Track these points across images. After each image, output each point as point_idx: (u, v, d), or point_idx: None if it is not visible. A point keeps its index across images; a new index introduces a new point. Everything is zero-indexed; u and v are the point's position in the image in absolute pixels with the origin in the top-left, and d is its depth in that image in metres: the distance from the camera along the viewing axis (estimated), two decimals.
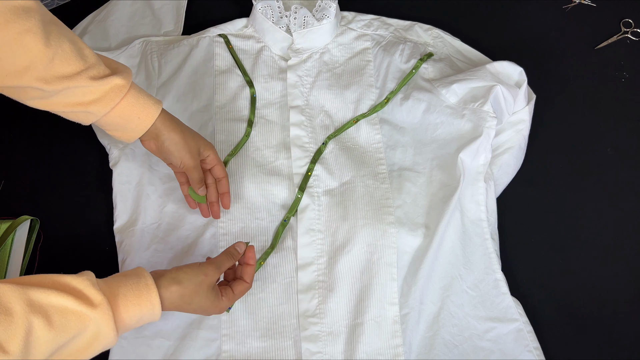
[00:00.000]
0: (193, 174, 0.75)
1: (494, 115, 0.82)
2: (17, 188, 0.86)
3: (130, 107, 0.68)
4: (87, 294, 0.56)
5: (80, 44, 0.65)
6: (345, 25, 0.96)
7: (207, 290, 0.65)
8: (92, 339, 0.56)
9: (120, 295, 0.59)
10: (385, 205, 0.81)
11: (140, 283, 0.60)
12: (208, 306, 0.66)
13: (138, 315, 0.59)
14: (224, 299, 0.67)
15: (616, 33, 1.00)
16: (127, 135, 0.71)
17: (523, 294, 0.79)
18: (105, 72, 0.66)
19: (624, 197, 0.87)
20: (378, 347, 0.73)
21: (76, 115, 0.68)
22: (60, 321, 0.53)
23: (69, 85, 0.63)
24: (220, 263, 0.67)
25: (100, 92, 0.65)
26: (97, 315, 0.55)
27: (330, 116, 0.89)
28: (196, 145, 0.74)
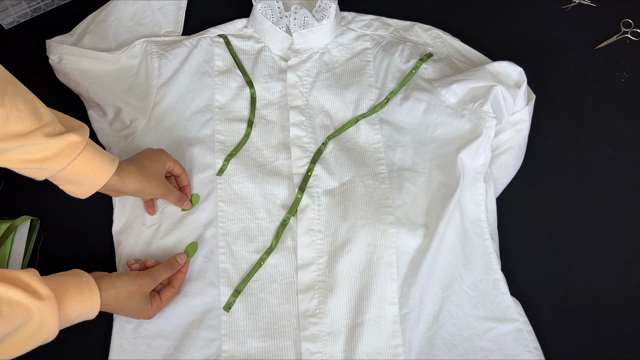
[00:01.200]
0: (170, 198, 0.78)
1: (494, 116, 0.82)
2: (17, 188, 0.86)
3: (86, 164, 0.69)
4: (35, 287, 0.60)
5: (35, 102, 0.65)
6: (345, 25, 0.96)
7: (140, 298, 0.70)
8: (35, 330, 0.59)
9: (63, 290, 0.63)
10: (385, 205, 0.81)
11: (83, 282, 0.65)
12: (138, 312, 0.71)
13: (78, 311, 0.64)
14: (153, 307, 0.72)
15: (616, 33, 1.00)
16: (81, 190, 0.71)
17: (523, 294, 0.79)
18: (60, 130, 0.66)
19: (623, 197, 0.87)
20: (378, 347, 0.73)
21: (29, 171, 0.68)
22: (7, 311, 0.56)
23: (24, 143, 0.63)
24: (158, 274, 0.72)
25: (56, 149, 0.66)
26: (44, 307, 0.59)
27: (330, 116, 0.89)
28: (158, 175, 0.76)
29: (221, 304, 0.76)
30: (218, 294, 0.77)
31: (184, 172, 0.81)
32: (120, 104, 0.88)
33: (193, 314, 0.76)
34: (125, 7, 0.96)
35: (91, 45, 0.93)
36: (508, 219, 0.85)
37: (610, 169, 0.89)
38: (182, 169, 0.81)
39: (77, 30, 0.95)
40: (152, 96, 0.88)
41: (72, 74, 0.89)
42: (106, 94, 0.88)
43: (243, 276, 0.78)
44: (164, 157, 0.78)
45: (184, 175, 0.81)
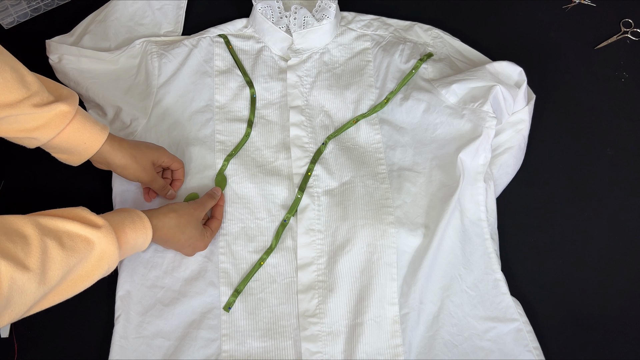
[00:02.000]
0: (153, 185, 0.79)
1: (494, 115, 0.82)
2: (17, 188, 0.86)
3: (76, 132, 0.69)
4: (90, 218, 0.61)
5: (22, 71, 0.65)
6: (345, 25, 0.96)
7: (197, 222, 0.74)
8: (97, 259, 0.60)
9: (117, 221, 0.64)
10: (385, 205, 0.81)
11: (132, 213, 0.67)
12: (197, 237, 0.74)
13: (133, 239, 0.65)
14: (207, 234, 0.76)
15: (616, 33, 1.00)
16: (73, 158, 0.72)
17: (523, 294, 0.79)
18: (49, 99, 0.66)
19: (623, 197, 0.87)
20: (378, 347, 0.73)
21: (21, 140, 0.69)
22: (69, 243, 0.58)
23: (11, 113, 0.64)
24: (204, 202, 0.77)
25: (45, 118, 0.66)
26: (101, 234, 0.60)
27: (330, 116, 0.89)
28: (147, 160, 0.77)
29: (221, 304, 0.76)
30: (218, 294, 0.77)
31: (182, 167, 0.82)
32: (120, 104, 0.88)
33: (193, 314, 0.76)
34: (125, 7, 0.96)
35: (91, 45, 0.93)
36: (508, 219, 0.85)
37: (610, 169, 0.89)
38: (181, 164, 0.82)
39: (77, 30, 0.95)
40: (152, 96, 0.88)
41: (72, 74, 0.89)
42: (106, 93, 0.88)
43: (243, 276, 0.78)
44: (161, 152, 0.79)
45: (181, 170, 0.82)
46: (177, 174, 0.83)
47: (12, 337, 0.76)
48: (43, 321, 0.77)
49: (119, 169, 0.75)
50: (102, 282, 0.79)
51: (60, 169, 0.87)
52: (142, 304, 0.76)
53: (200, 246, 0.76)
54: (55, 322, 0.77)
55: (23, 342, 0.76)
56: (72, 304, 0.78)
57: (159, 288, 0.77)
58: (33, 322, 0.77)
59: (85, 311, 0.78)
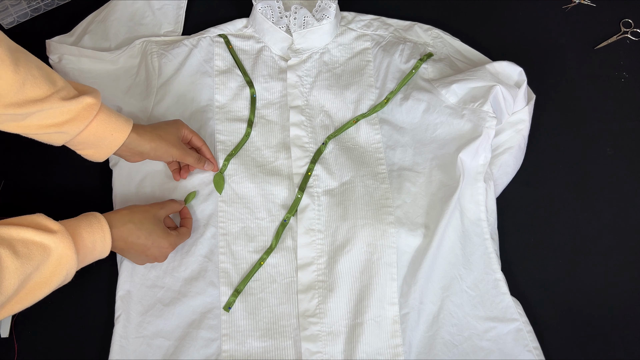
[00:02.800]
0: (188, 159, 0.79)
1: (494, 115, 0.82)
2: (17, 188, 0.86)
3: (103, 124, 0.70)
4: (45, 224, 0.61)
5: (47, 69, 0.67)
6: (345, 25, 0.96)
7: (154, 218, 0.73)
8: (55, 265, 0.60)
9: (73, 225, 0.64)
10: (385, 205, 0.81)
11: (89, 216, 0.67)
12: (159, 234, 0.72)
13: (91, 242, 0.65)
14: (173, 235, 0.74)
15: (616, 33, 1.00)
16: (100, 152, 0.73)
17: (523, 294, 0.79)
18: (74, 93, 0.68)
19: (623, 197, 0.87)
20: (378, 347, 0.73)
21: (49, 136, 0.69)
22: (24, 251, 0.57)
23: (42, 108, 0.65)
24: (165, 203, 0.76)
25: (73, 111, 0.67)
26: (58, 239, 0.60)
27: (330, 116, 0.89)
28: (174, 136, 0.78)
29: (221, 303, 0.76)
30: (218, 294, 0.77)
31: (204, 144, 0.82)
32: (121, 104, 0.88)
33: (193, 314, 0.76)
34: (125, 7, 0.96)
35: (91, 45, 0.93)
36: (508, 219, 0.85)
37: (610, 169, 0.89)
38: (201, 140, 0.82)
39: (77, 30, 0.95)
40: (152, 96, 0.88)
41: (72, 74, 0.89)
42: (106, 93, 0.88)
43: (243, 276, 0.78)
44: (180, 124, 0.80)
45: (204, 147, 0.82)
46: (203, 152, 0.82)
47: (12, 337, 0.76)
48: (43, 321, 0.77)
49: (152, 152, 0.75)
50: (102, 282, 0.79)
51: (60, 169, 0.87)
52: (142, 303, 0.76)
53: (165, 245, 0.73)
54: (55, 322, 0.78)
55: (23, 342, 0.76)
56: (72, 304, 0.79)
57: (159, 288, 0.77)
58: (33, 322, 0.77)
59: (85, 311, 0.78)
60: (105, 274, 0.80)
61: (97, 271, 0.80)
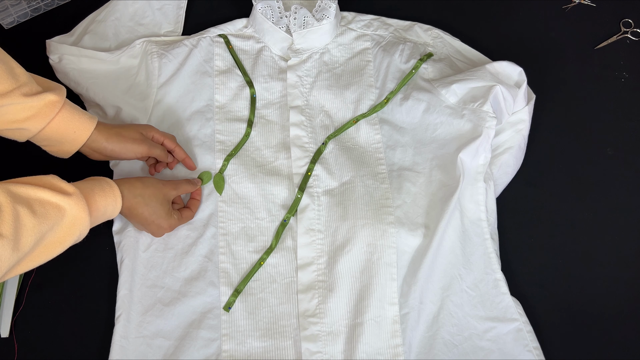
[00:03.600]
0: (154, 152, 0.79)
1: (494, 115, 0.82)
2: None
3: (66, 122, 0.71)
4: (60, 186, 0.62)
5: (11, 63, 0.67)
6: (345, 25, 0.96)
7: (163, 198, 0.74)
8: (69, 226, 0.62)
9: (87, 188, 0.66)
10: (384, 205, 0.81)
11: (102, 181, 0.68)
12: (161, 214, 0.73)
13: (103, 206, 0.67)
14: (175, 217, 0.75)
15: (616, 33, 1.01)
16: (64, 149, 0.73)
17: (523, 294, 0.79)
18: (37, 89, 0.68)
19: (623, 197, 0.87)
20: (378, 346, 0.73)
21: (12, 132, 0.69)
22: (40, 210, 0.59)
23: (2, 103, 0.65)
24: (179, 184, 0.77)
25: (35, 108, 0.67)
26: (72, 201, 0.62)
27: (330, 116, 0.89)
28: (135, 132, 0.78)
29: (221, 303, 0.76)
30: (218, 294, 0.77)
31: (177, 146, 0.82)
32: (120, 104, 0.88)
33: (193, 313, 0.76)
34: (125, 7, 0.96)
35: (91, 45, 0.93)
36: (508, 219, 0.85)
37: (610, 169, 0.89)
38: (174, 143, 0.81)
39: (77, 30, 0.95)
40: (152, 96, 0.88)
41: (72, 74, 0.89)
42: (106, 94, 0.88)
43: (243, 276, 0.78)
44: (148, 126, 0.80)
45: (177, 149, 0.82)
46: (176, 153, 0.82)
47: (12, 337, 0.76)
48: (43, 321, 0.77)
49: (114, 152, 0.76)
50: (102, 282, 0.79)
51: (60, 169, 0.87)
52: (143, 303, 0.76)
53: (164, 226, 0.75)
54: (55, 322, 0.77)
55: (23, 342, 0.76)
56: (72, 304, 0.79)
57: (159, 288, 0.77)
58: (33, 322, 0.77)
59: (85, 311, 0.78)
60: (105, 274, 0.80)
61: (97, 271, 0.80)
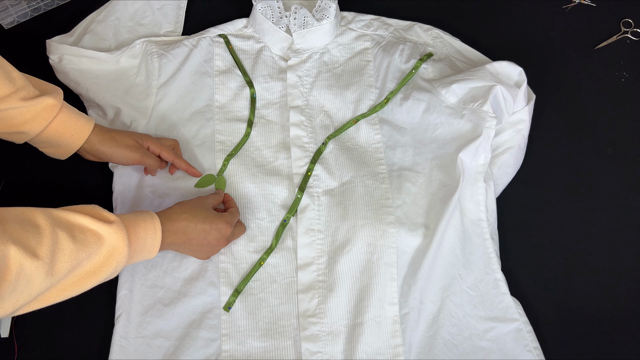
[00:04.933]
0: (146, 162, 0.78)
1: (494, 115, 0.82)
2: (17, 188, 0.86)
3: (63, 125, 0.71)
4: (102, 214, 0.62)
5: (7, 67, 0.66)
6: (345, 25, 0.96)
7: (205, 205, 0.73)
8: (107, 255, 0.60)
9: (129, 218, 0.65)
10: (385, 205, 0.81)
11: (143, 213, 0.67)
12: (213, 218, 0.72)
13: (143, 237, 0.65)
14: (226, 215, 0.74)
15: (616, 33, 1.00)
16: (61, 151, 0.73)
17: (523, 294, 0.79)
18: (35, 93, 0.68)
19: (623, 197, 0.87)
20: (378, 347, 0.73)
21: (10, 135, 0.70)
22: (80, 236, 0.58)
23: (0, 108, 0.65)
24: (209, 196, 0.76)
25: (32, 112, 0.67)
26: (112, 230, 0.60)
27: (330, 116, 0.89)
28: (130, 139, 0.78)
29: (221, 303, 0.76)
30: (218, 294, 0.77)
31: (176, 157, 0.81)
32: (120, 105, 0.88)
33: (193, 313, 0.76)
34: (125, 7, 0.96)
35: (91, 45, 0.93)
36: (508, 219, 0.85)
37: (610, 169, 0.89)
38: (172, 156, 0.81)
39: (77, 30, 0.95)
40: (152, 96, 0.88)
41: (72, 74, 0.89)
42: (106, 94, 0.88)
43: (243, 276, 0.78)
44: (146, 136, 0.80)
45: (177, 160, 0.81)
46: (180, 165, 0.82)
47: (12, 337, 0.76)
48: (43, 321, 0.77)
49: (105, 155, 0.76)
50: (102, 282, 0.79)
51: (60, 169, 0.87)
52: (143, 303, 0.76)
53: (224, 226, 0.73)
54: (55, 322, 0.77)
55: (23, 342, 0.76)
56: (72, 304, 0.78)
57: (159, 288, 0.77)
58: (33, 322, 0.77)
59: (85, 311, 0.78)
60: None
61: None
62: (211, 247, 0.74)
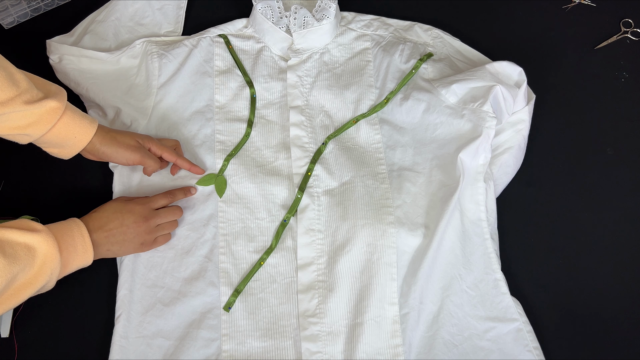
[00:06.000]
0: (148, 162, 0.79)
1: (494, 115, 0.82)
2: (17, 188, 0.86)
3: (67, 127, 0.71)
4: (29, 225, 0.63)
5: (11, 69, 0.66)
6: (345, 25, 0.96)
7: (121, 200, 0.75)
8: (40, 265, 0.61)
9: (54, 227, 0.66)
10: (385, 205, 0.81)
11: (67, 220, 0.68)
12: (125, 203, 0.74)
13: (72, 242, 0.66)
14: (141, 198, 0.77)
15: (616, 33, 1.00)
16: (64, 152, 0.74)
17: (523, 294, 0.79)
18: (38, 96, 0.68)
19: (623, 197, 0.87)
20: (378, 346, 0.73)
21: (13, 137, 0.70)
22: (10, 251, 0.59)
23: (4, 111, 0.65)
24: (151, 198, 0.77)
25: (36, 115, 0.68)
26: (41, 238, 0.62)
27: (330, 116, 0.89)
28: (131, 139, 0.78)
29: (221, 303, 0.76)
30: (218, 294, 0.77)
31: (178, 157, 0.81)
32: (120, 105, 0.88)
33: (193, 313, 0.76)
34: (125, 7, 0.96)
35: (91, 45, 0.93)
36: (508, 219, 0.85)
37: (610, 169, 0.89)
38: (174, 156, 0.81)
39: (77, 30, 0.95)
40: (152, 96, 0.88)
41: (72, 74, 0.89)
42: (106, 94, 0.88)
43: (243, 276, 0.78)
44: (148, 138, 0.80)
45: (179, 160, 0.81)
46: (182, 165, 0.82)
47: (12, 337, 0.76)
48: (43, 321, 0.77)
49: (105, 155, 0.76)
50: (102, 282, 0.79)
51: (60, 170, 0.87)
52: (143, 303, 0.76)
53: (137, 208, 0.74)
54: (55, 322, 0.77)
55: (23, 342, 0.76)
56: (72, 304, 0.79)
57: (159, 288, 0.77)
58: (33, 322, 0.77)
59: (85, 311, 0.78)
60: (105, 274, 0.80)
61: (97, 271, 0.80)
62: (134, 232, 0.73)
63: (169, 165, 0.84)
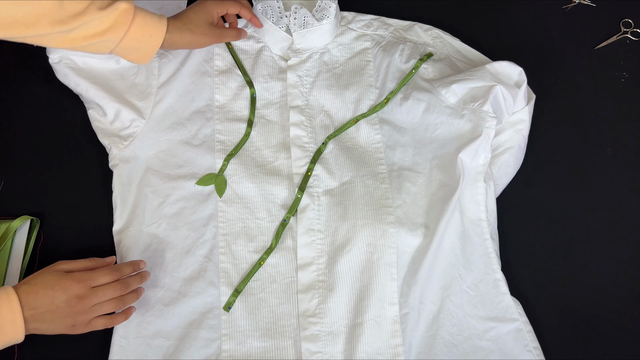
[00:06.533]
0: (224, 40, 0.86)
1: (494, 115, 0.82)
2: (17, 188, 0.86)
3: (141, 27, 0.75)
4: None
5: None
6: (345, 25, 0.96)
7: (52, 270, 0.67)
8: None
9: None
10: (385, 205, 0.81)
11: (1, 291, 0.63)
12: (58, 279, 0.65)
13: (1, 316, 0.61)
14: (79, 274, 0.67)
15: (616, 33, 1.00)
16: (144, 55, 0.78)
17: (523, 294, 0.79)
18: (108, 1, 0.72)
19: (623, 197, 0.87)
20: (378, 346, 0.73)
21: (96, 46, 0.74)
22: None
23: (83, 20, 0.70)
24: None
25: (111, 19, 0.72)
26: None
27: (330, 116, 0.89)
28: (205, 26, 0.82)
29: (221, 303, 0.76)
30: (218, 294, 0.77)
31: (242, 7, 0.87)
32: (120, 105, 0.87)
33: (193, 313, 0.76)
34: None
35: None
36: (508, 219, 0.85)
37: (610, 169, 0.89)
38: (237, 7, 0.86)
39: None
40: (152, 96, 0.88)
41: (72, 74, 0.89)
42: (106, 94, 0.88)
43: (243, 276, 0.78)
44: (208, 9, 0.83)
45: (243, 10, 0.87)
46: (243, 14, 0.87)
47: None
48: None
49: (187, 46, 0.83)
50: None
51: (60, 169, 0.87)
52: (142, 303, 0.76)
53: (70, 284, 0.65)
54: None
55: (23, 342, 0.76)
56: None
57: (159, 288, 0.77)
58: None
59: None
60: None
61: None
62: (64, 313, 0.64)
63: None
